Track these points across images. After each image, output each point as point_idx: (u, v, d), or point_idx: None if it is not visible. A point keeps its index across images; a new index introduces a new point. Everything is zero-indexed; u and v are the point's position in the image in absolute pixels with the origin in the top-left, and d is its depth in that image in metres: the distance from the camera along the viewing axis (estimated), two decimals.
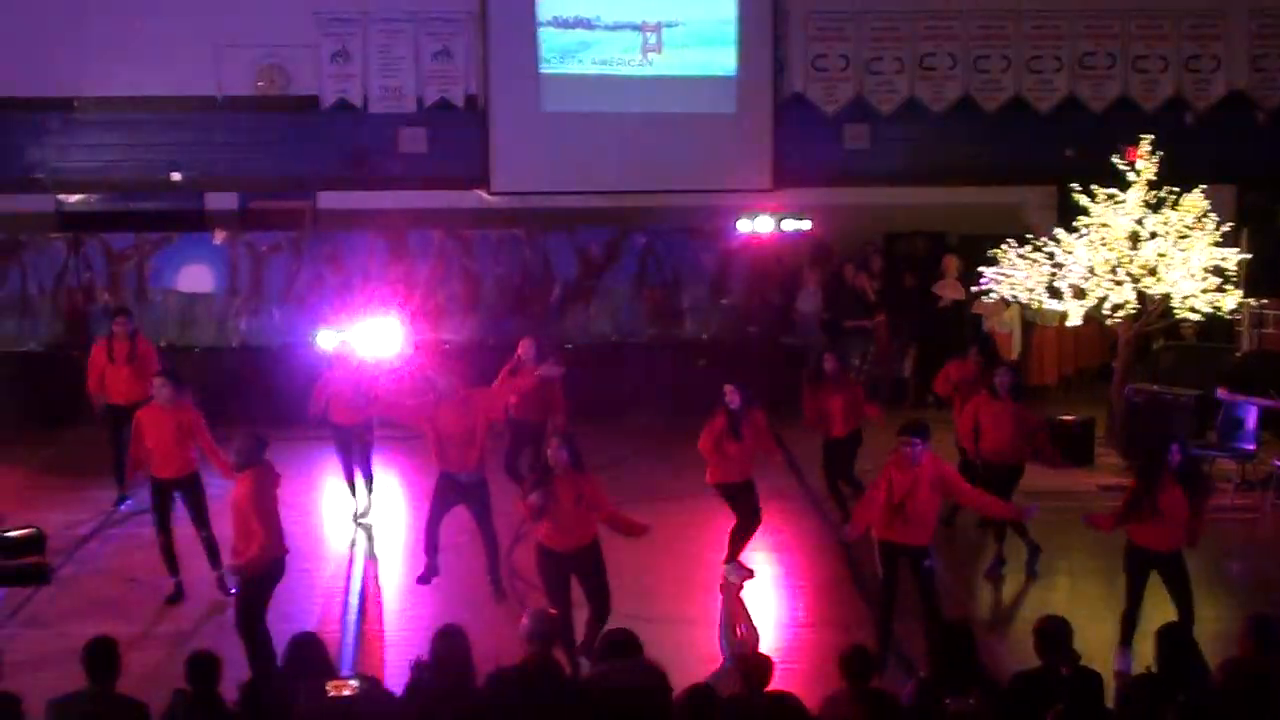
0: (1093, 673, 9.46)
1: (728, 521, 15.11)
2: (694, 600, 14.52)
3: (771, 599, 14.84)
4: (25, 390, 20.63)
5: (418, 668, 9.46)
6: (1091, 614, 12.74)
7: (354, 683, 9.09)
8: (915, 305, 22.69)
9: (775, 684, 9.47)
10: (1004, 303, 20.79)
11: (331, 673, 9.38)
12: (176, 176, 24.65)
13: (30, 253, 22.23)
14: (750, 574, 15.06)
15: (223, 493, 13.51)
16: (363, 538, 16.39)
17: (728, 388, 14.90)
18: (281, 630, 12.08)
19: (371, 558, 15.88)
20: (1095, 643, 11.77)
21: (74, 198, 24.89)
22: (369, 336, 17.12)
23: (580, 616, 12.67)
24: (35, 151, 24.55)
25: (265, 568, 12.26)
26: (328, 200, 24.91)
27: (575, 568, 12.63)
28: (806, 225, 23.03)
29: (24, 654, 12.76)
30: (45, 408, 20.70)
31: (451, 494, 14.51)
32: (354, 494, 17.10)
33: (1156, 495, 12.45)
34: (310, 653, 9.46)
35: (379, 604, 14.60)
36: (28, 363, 21.42)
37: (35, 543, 10.91)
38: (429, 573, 14.52)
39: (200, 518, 14.66)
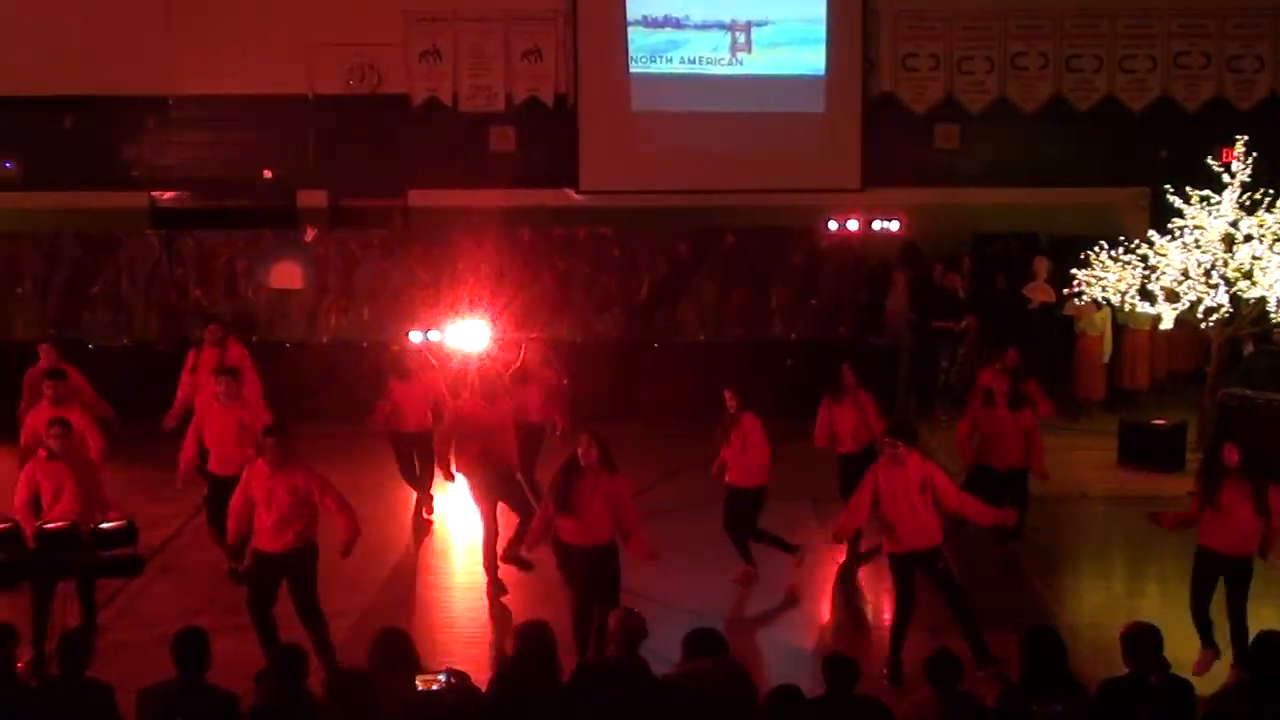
0: (1183, 681, 9.36)
1: (810, 524, 15.12)
2: (775, 601, 14.49)
3: (856, 602, 14.78)
4: (118, 384, 20.80)
5: (502, 662, 9.51)
6: (1181, 621, 12.58)
7: (442, 677, 9.14)
8: (1006, 307, 22.48)
9: (860, 686, 9.45)
10: (1095, 305, 20.61)
11: (419, 667, 9.44)
12: (268, 174, 24.90)
13: (124, 249, 22.47)
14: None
15: None
16: (450, 533, 16.43)
17: (725, 392, 14.90)
18: (371, 625, 12.21)
19: (459, 553, 15.91)
20: (1187, 650, 11.66)
21: (167, 194, 25.18)
22: (458, 334, 17.16)
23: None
24: (130, 149, 24.97)
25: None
26: (418, 198, 25.04)
27: (590, 565, 12.62)
28: (895, 226, 22.91)
29: (116, 644, 12.94)
30: (137, 402, 20.88)
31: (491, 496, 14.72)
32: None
33: (1218, 493, 12.35)
34: (398, 647, 9.52)
35: (466, 598, 14.65)
36: (120, 357, 21.61)
37: (128, 534, 11.02)
38: (496, 590, 14.64)
39: None
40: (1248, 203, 18.92)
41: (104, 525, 11.13)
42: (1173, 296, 19.02)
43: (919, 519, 12.64)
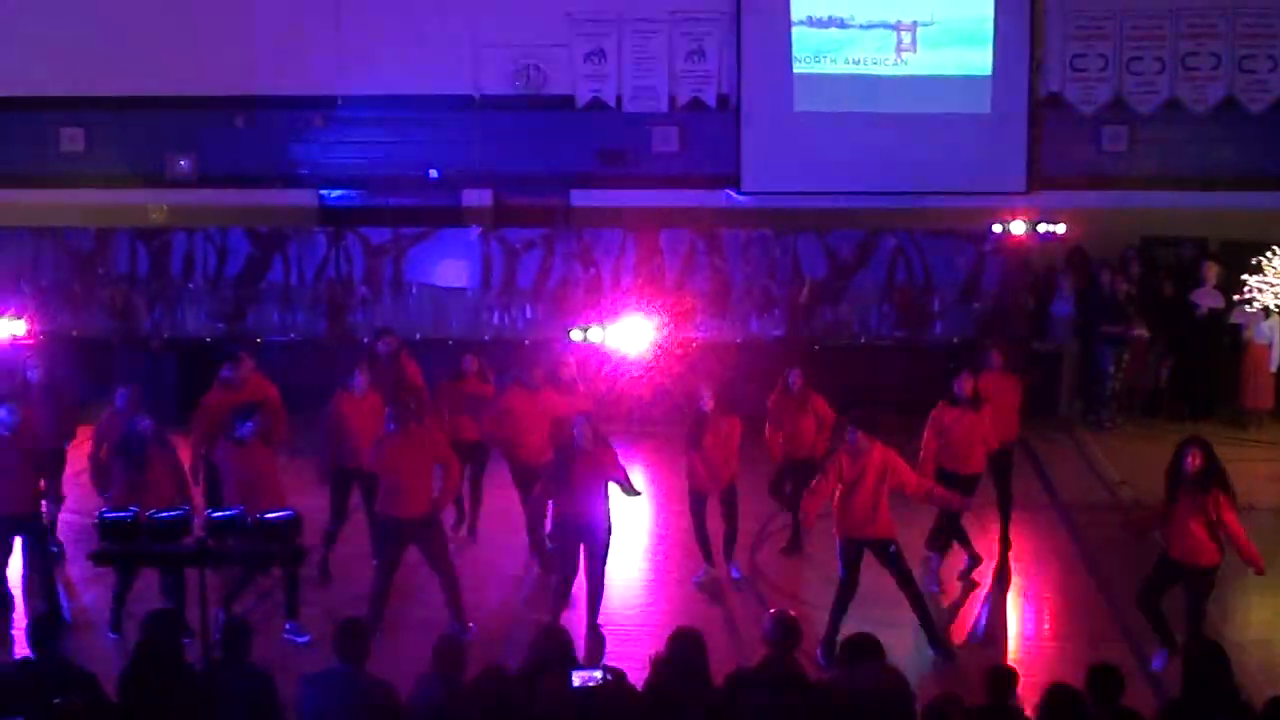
0: None
1: (971, 526, 14.99)
2: (942, 607, 14.36)
3: (1017, 610, 14.62)
4: (284, 378, 21.09)
5: (656, 663, 9.54)
6: None
7: (598, 674, 9.18)
8: (1173, 313, 22.05)
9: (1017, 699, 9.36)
10: (1265, 312, 20.19)
11: (577, 663, 9.50)
12: (434, 173, 25.16)
13: (293, 245, 22.84)
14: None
15: None
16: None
17: (702, 386, 14.98)
18: (527, 622, 12.34)
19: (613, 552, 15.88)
20: None
21: (335, 192, 25.55)
22: (619, 334, 17.16)
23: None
24: (299, 148, 25.36)
25: None
26: (580, 198, 25.18)
27: (585, 539, 13.41)
28: (1061, 229, 22.59)
29: (278, 633, 13.14)
30: (302, 395, 21.13)
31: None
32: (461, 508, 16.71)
33: (1176, 501, 12.35)
34: (557, 643, 9.58)
35: (622, 597, 14.67)
36: (287, 351, 21.93)
37: (293, 526, 11.22)
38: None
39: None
40: None
41: (270, 516, 11.34)
42: None
43: (873, 506, 12.99)
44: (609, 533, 13.54)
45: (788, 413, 15.66)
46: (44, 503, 14.58)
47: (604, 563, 13.54)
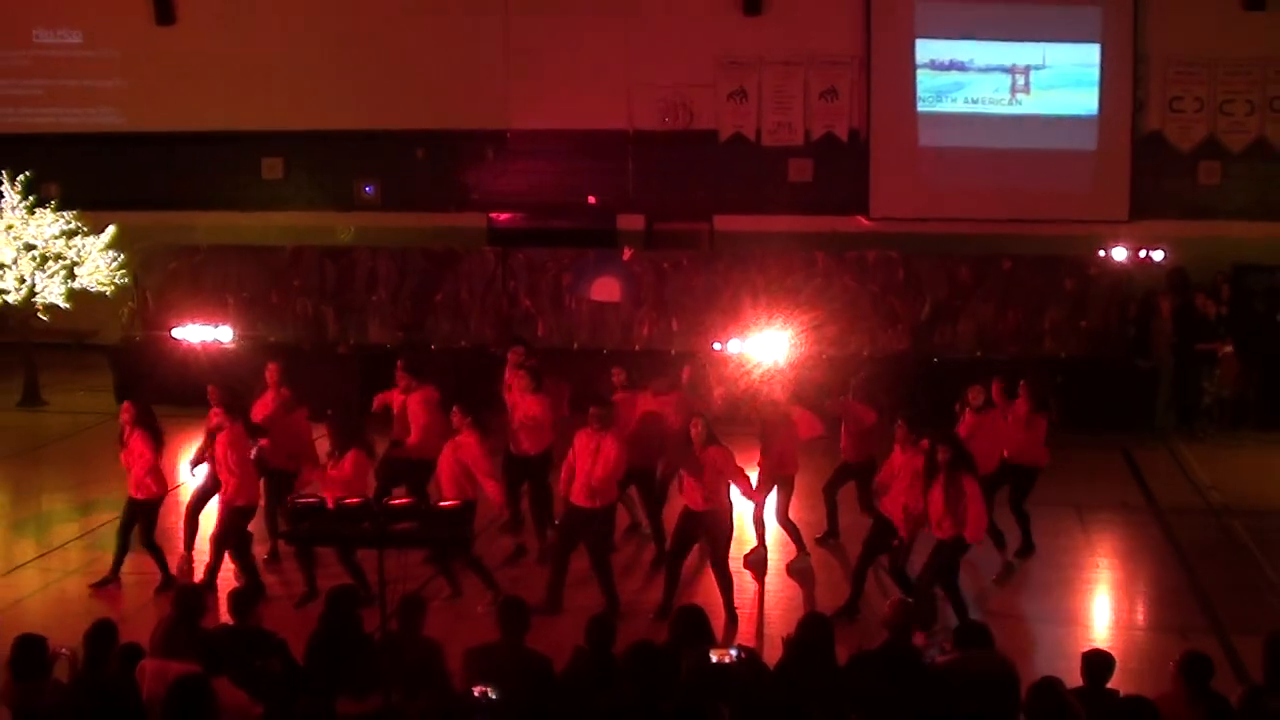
0: None
1: (1075, 531, 14.91)
2: (1047, 599, 14.36)
3: (1112, 603, 14.60)
4: (457, 382, 21.43)
5: (787, 644, 9.65)
6: None
7: (733, 652, 9.29)
8: (1262, 332, 21.76)
9: (1112, 683, 9.39)
10: None
11: (714, 642, 9.59)
12: (592, 200, 25.50)
13: (464, 263, 23.20)
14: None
15: None
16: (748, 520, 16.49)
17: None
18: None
19: (752, 538, 15.97)
20: None
21: (503, 216, 25.96)
22: (758, 347, 17.30)
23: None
24: (472, 176, 25.87)
25: None
26: (723, 223, 25.44)
27: (700, 529, 13.48)
28: (1160, 255, 22.53)
29: (444, 607, 13.39)
30: (473, 398, 21.39)
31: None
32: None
33: (932, 486, 12.83)
34: (696, 622, 9.70)
35: (759, 583, 14.84)
36: (458, 358, 22.25)
37: (464, 514, 11.46)
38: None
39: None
40: None
41: (444, 504, 11.55)
42: None
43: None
44: (725, 528, 13.58)
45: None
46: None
47: (725, 555, 13.60)
